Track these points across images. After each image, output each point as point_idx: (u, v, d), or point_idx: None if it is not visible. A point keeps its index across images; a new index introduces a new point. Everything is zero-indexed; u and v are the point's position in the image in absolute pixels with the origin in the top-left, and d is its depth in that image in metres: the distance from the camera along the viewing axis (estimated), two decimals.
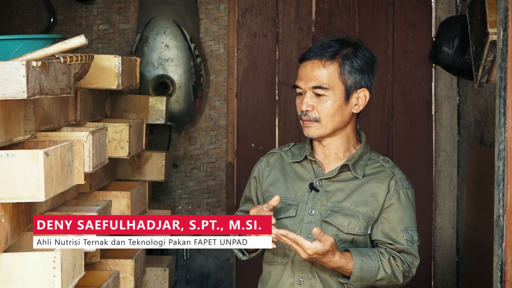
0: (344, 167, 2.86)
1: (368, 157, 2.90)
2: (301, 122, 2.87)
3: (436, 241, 5.02)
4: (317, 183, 2.86)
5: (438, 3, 4.94)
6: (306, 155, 2.90)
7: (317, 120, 2.82)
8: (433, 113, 5.03)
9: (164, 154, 4.20)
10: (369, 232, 2.83)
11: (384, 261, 2.77)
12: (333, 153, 2.89)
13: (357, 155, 2.87)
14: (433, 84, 5.02)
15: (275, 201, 2.72)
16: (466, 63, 3.75)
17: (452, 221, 5.01)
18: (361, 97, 2.85)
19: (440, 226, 5.02)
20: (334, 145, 2.88)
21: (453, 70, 3.91)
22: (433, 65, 4.94)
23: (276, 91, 5.03)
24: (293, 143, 3.02)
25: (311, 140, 2.93)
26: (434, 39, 4.26)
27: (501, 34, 2.54)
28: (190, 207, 5.04)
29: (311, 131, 2.84)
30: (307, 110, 2.82)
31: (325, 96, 2.81)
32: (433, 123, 5.02)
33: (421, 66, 5.02)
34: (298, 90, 2.86)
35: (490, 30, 3.13)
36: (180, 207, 5.03)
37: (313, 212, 2.83)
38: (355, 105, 2.85)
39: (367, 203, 2.82)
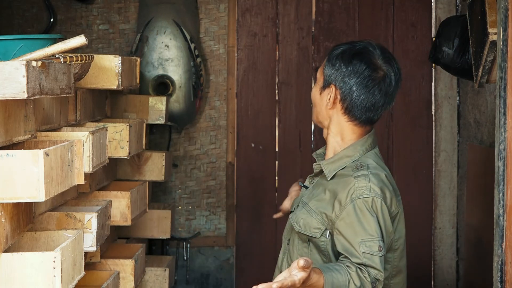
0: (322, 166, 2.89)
1: (351, 160, 2.83)
2: None
3: (436, 241, 5.02)
4: (309, 180, 2.93)
5: (438, 3, 4.94)
6: (313, 154, 3.01)
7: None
8: (433, 113, 5.03)
9: (164, 154, 4.20)
10: (326, 237, 2.76)
11: (352, 273, 2.61)
12: (329, 149, 2.91)
13: (337, 156, 2.85)
14: (433, 84, 5.02)
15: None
16: (466, 63, 3.74)
17: (452, 221, 5.01)
18: (330, 94, 2.86)
19: (440, 226, 5.02)
20: (328, 140, 2.92)
21: (453, 70, 3.91)
22: (433, 65, 4.94)
23: (276, 91, 5.03)
24: None
25: None
26: (434, 39, 4.26)
27: (501, 34, 2.54)
28: (190, 207, 5.04)
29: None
30: None
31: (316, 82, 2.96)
32: (433, 123, 5.02)
33: (421, 66, 5.02)
34: None
35: (490, 30, 3.13)
36: (180, 207, 5.03)
37: (297, 208, 2.90)
38: (328, 100, 2.87)
39: (323, 207, 2.77)
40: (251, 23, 5.02)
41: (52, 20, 4.90)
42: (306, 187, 2.91)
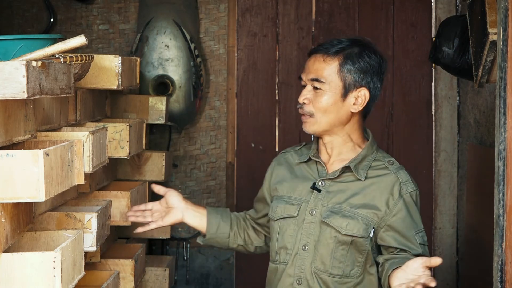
0: (347, 168, 2.86)
1: (374, 157, 2.89)
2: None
3: (436, 241, 5.02)
4: (319, 183, 2.86)
5: (438, 3, 4.94)
6: (310, 156, 2.92)
7: (311, 115, 2.85)
8: (433, 113, 5.03)
9: (164, 154, 4.20)
10: (371, 236, 2.82)
11: None
12: (335, 152, 2.89)
13: (360, 156, 2.87)
14: (433, 84, 5.02)
15: (156, 190, 3.06)
16: (466, 63, 3.74)
17: (452, 221, 5.01)
18: (361, 96, 2.86)
19: (440, 226, 5.02)
20: (335, 143, 2.89)
21: (453, 70, 3.91)
22: (433, 65, 4.94)
23: (276, 91, 5.03)
24: (305, 143, 3.04)
25: (318, 140, 2.95)
26: (434, 39, 4.26)
27: (501, 34, 2.54)
28: None
29: (307, 126, 2.88)
30: (304, 103, 2.85)
31: (322, 90, 2.83)
32: (433, 123, 5.02)
33: (421, 66, 5.02)
34: (302, 83, 2.90)
35: (490, 30, 3.12)
36: None
37: (314, 212, 2.84)
38: (354, 104, 2.86)
39: (368, 206, 2.81)
40: (251, 23, 5.02)
41: (52, 20, 4.90)
42: (319, 190, 2.87)
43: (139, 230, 3.09)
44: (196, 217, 3.09)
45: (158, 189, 3.09)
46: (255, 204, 3.12)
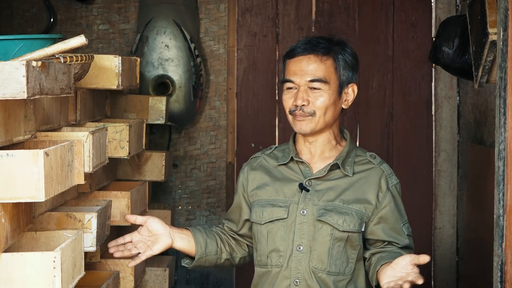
0: (333, 166, 2.87)
1: (355, 153, 2.92)
2: (290, 117, 2.88)
3: (436, 241, 5.02)
4: (306, 183, 2.86)
5: (438, 3, 4.95)
6: (292, 157, 2.91)
7: (312, 114, 2.84)
8: (433, 113, 5.03)
9: (164, 154, 4.20)
10: (362, 230, 2.84)
11: None
12: (318, 151, 2.90)
13: (344, 152, 2.89)
14: (433, 84, 5.03)
15: (133, 221, 2.94)
16: (466, 63, 3.74)
17: (452, 221, 5.01)
18: (350, 93, 2.91)
19: (440, 226, 5.02)
20: (320, 142, 2.89)
21: (453, 70, 3.91)
22: (433, 65, 4.94)
23: (276, 91, 5.03)
24: (275, 146, 3.04)
25: (294, 141, 2.94)
26: (434, 39, 4.26)
27: (501, 34, 2.54)
28: (190, 207, 5.04)
29: (304, 125, 2.85)
30: (303, 105, 2.83)
31: (321, 90, 2.83)
32: (433, 123, 5.02)
33: (421, 66, 5.02)
34: (289, 85, 2.87)
35: (490, 30, 3.13)
36: (180, 207, 5.03)
37: (305, 212, 2.84)
38: (345, 100, 2.89)
39: (359, 200, 2.84)
40: (251, 23, 5.02)
41: (52, 20, 4.90)
42: (308, 190, 2.88)
43: (132, 263, 2.96)
44: (183, 239, 2.96)
45: (134, 219, 2.95)
46: (231, 216, 3.07)
